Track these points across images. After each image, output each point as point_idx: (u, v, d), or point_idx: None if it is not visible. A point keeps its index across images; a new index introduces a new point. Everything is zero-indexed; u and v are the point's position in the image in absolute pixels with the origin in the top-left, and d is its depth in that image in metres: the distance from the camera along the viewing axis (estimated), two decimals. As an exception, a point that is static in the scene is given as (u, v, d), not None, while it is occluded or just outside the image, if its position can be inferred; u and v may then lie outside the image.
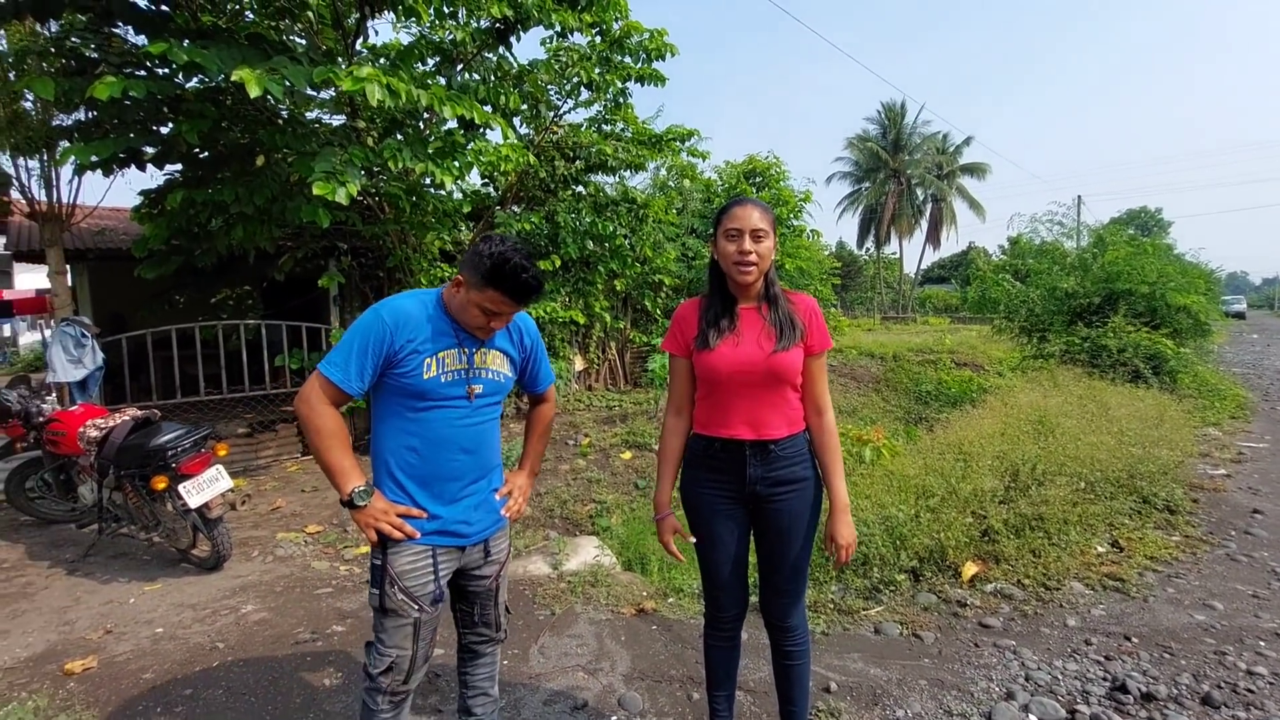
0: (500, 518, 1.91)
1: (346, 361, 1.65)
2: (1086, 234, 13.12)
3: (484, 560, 1.90)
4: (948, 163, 39.28)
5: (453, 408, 1.74)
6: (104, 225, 8.03)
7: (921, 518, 3.92)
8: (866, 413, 9.18)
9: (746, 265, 1.82)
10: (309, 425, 1.68)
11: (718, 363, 1.85)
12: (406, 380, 1.68)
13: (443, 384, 1.71)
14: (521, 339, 1.93)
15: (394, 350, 1.67)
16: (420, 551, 1.73)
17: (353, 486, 1.66)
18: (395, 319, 1.67)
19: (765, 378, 1.84)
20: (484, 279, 1.63)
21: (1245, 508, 4.72)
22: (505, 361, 1.87)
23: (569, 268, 8.79)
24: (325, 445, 1.67)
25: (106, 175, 5.34)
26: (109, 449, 3.93)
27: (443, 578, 1.77)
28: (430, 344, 1.70)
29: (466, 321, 1.73)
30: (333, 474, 1.68)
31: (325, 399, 1.67)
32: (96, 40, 5.12)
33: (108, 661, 2.95)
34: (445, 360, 1.71)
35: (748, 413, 1.86)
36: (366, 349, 1.65)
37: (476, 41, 6.34)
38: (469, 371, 1.75)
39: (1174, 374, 8.94)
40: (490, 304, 1.67)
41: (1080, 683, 2.67)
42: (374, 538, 1.69)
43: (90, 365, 5.61)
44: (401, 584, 1.70)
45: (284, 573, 3.98)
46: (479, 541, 1.86)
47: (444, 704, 2.57)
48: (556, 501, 5.50)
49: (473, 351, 1.77)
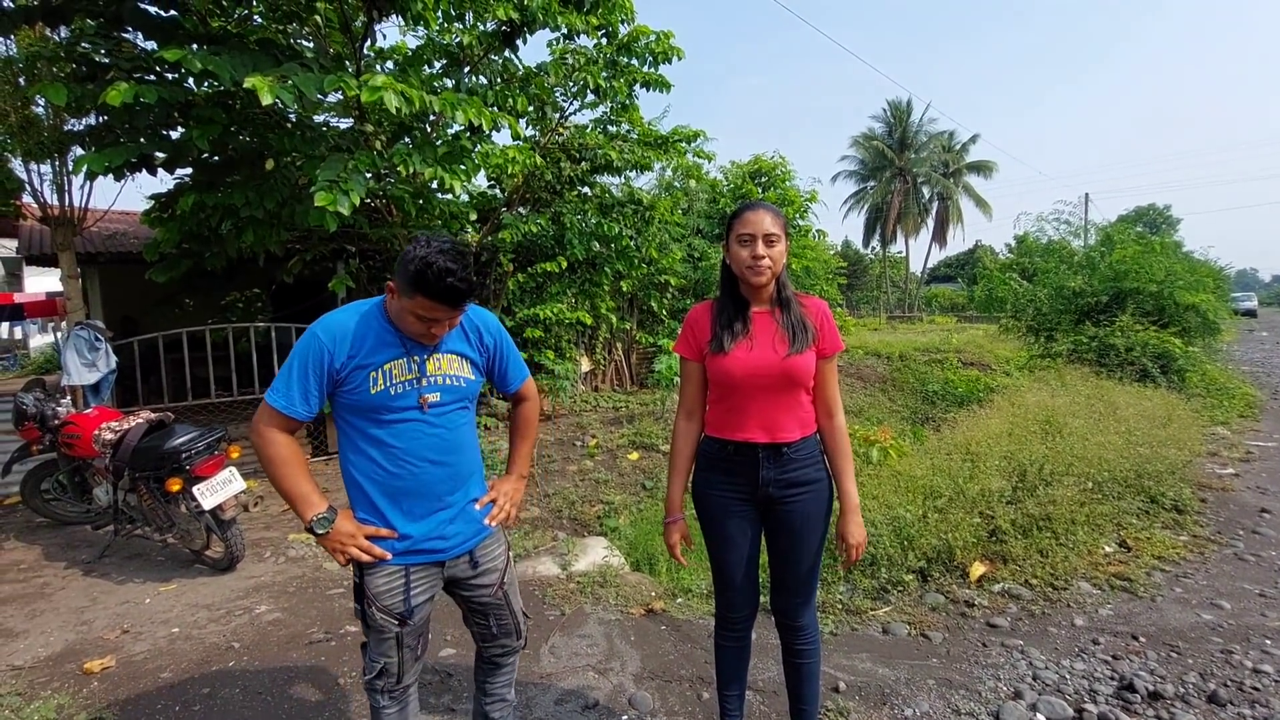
0: (483, 527, 1.84)
1: (288, 387, 1.62)
2: (1094, 232, 13.09)
3: (474, 571, 1.83)
4: (954, 161, 39.15)
5: (409, 420, 1.68)
6: (115, 229, 8.11)
7: (929, 518, 3.93)
8: (873, 413, 9.18)
9: (760, 269, 1.85)
10: (261, 455, 1.66)
11: (732, 366, 1.87)
12: (354, 397, 1.64)
13: (392, 397, 1.65)
14: (480, 338, 1.83)
15: (335, 369, 1.62)
16: (393, 572, 1.70)
17: (313, 514, 1.64)
18: (332, 336, 1.63)
19: (779, 381, 1.86)
20: (410, 285, 1.53)
21: (1253, 507, 4.72)
22: (464, 364, 1.78)
23: (575, 269, 8.83)
24: (279, 474, 1.65)
25: (118, 180, 5.40)
26: (124, 451, 3.98)
27: (416, 596, 1.73)
28: (373, 357, 1.64)
29: (406, 329, 1.65)
30: (292, 501, 1.65)
31: (275, 426, 1.65)
32: (107, 45, 5.17)
33: (126, 661, 3.00)
34: (392, 372, 1.65)
35: (762, 416, 1.88)
36: (306, 371, 1.62)
37: (483, 44, 6.37)
38: (420, 380, 1.68)
39: (1182, 373, 8.91)
40: (422, 310, 1.57)
41: (1088, 682, 2.68)
42: (343, 561, 1.68)
43: (103, 369, 5.68)
44: (378, 603, 1.70)
45: (296, 573, 4.03)
46: (461, 554, 1.80)
47: (456, 703, 2.60)
48: (564, 502, 5.54)
49: (423, 359, 1.69)
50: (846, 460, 1.95)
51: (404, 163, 5.02)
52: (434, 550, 1.74)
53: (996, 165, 39.22)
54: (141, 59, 5.14)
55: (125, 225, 8.54)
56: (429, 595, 1.78)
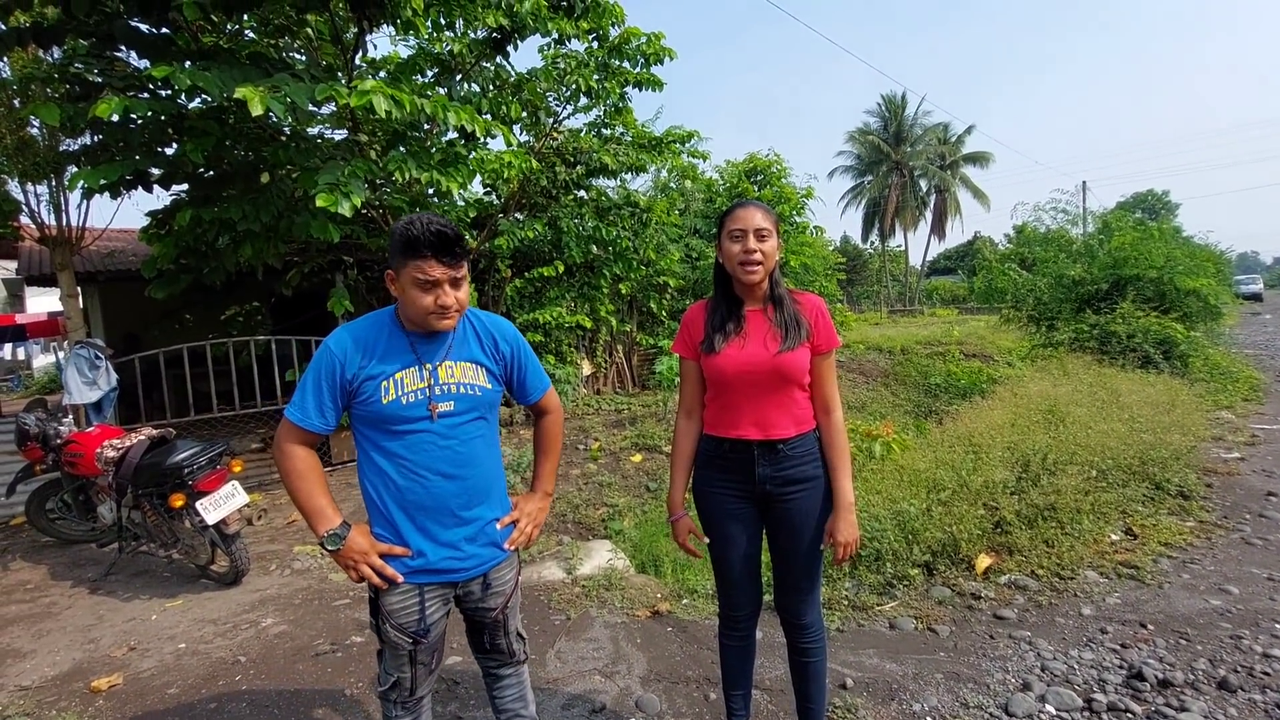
0: (501, 550, 1.80)
1: (304, 400, 1.64)
2: (1092, 220, 13.06)
3: (484, 593, 1.79)
4: (950, 152, 39.08)
5: (422, 431, 1.65)
6: (113, 247, 8.15)
7: (933, 511, 3.92)
8: (875, 407, 9.17)
9: (752, 265, 1.85)
10: (281, 469, 1.67)
11: (724, 365, 1.88)
12: (368, 408, 1.64)
13: (404, 406, 1.63)
14: (496, 346, 1.79)
15: (347, 380, 1.63)
16: (408, 591, 1.68)
17: (326, 529, 1.63)
18: (342, 348, 1.63)
19: (771, 378, 1.86)
20: (402, 250, 1.56)
21: (1259, 491, 4.70)
22: (480, 372, 1.74)
23: (573, 273, 8.83)
24: (295, 487, 1.66)
25: (114, 198, 5.42)
26: (126, 468, 3.99)
27: (431, 615, 1.71)
28: (384, 366, 1.64)
29: (418, 315, 1.62)
30: (307, 516, 1.65)
31: (294, 440, 1.66)
32: (100, 65, 5.20)
33: (133, 678, 3.00)
34: (404, 381, 1.64)
35: (755, 413, 1.89)
36: (320, 384, 1.63)
37: (474, 52, 6.39)
38: (432, 389, 1.66)
39: (1185, 358, 8.89)
40: (421, 274, 1.56)
41: (1096, 671, 2.67)
42: (355, 578, 1.66)
43: (105, 387, 5.69)
44: (392, 620, 1.68)
45: (302, 585, 4.03)
46: (476, 576, 1.76)
47: (463, 711, 2.60)
48: (569, 506, 5.53)
49: (435, 366, 1.67)
50: (841, 458, 1.93)
51: (399, 169, 5.03)
52: (449, 570, 1.71)
53: (993, 156, 39.18)
54: (134, 77, 5.16)
55: (124, 243, 8.58)
56: (443, 613, 1.77)
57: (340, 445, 6.71)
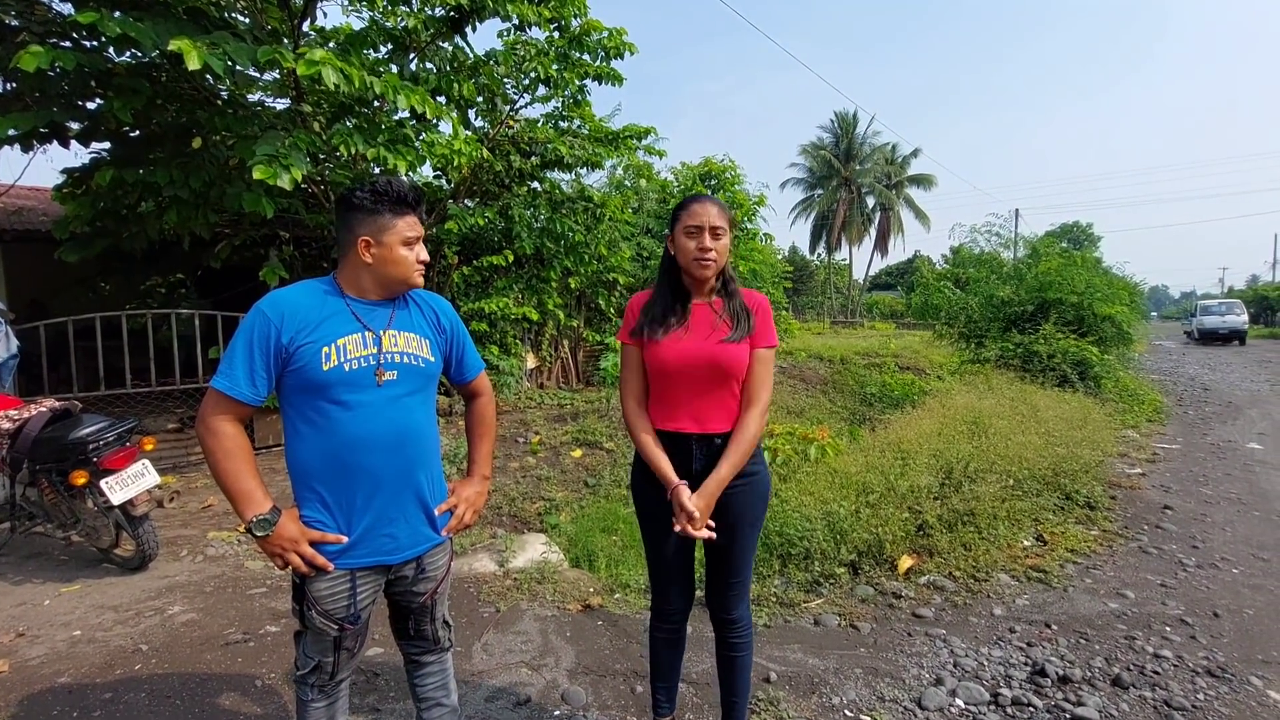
0: (438, 534, 1.76)
1: (231, 368, 1.52)
2: (1023, 245, 13.77)
3: (417, 576, 1.74)
4: (896, 173, 40.55)
5: (362, 402, 1.58)
6: (21, 205, 7.55)
7: (861, 513, 4.05)
8: (814, 413, 9.39)
9: (706, 261, 1.86)
10: (205, 447, 1.55)
11: (665, 354, 1.88)
12: (305, 375, 1.54)
13: (346, 374, 1.56)
14: (438, 319, 1.78)
15: (283, 346, 1.53)
16: (338, 576, 1.61)
17: (254, 514, 1.52)
18: (277, 311, 1.54)
19: (710, 371, 1.87)
20: (393, 210, 1.60)
21: (1157, 504, 5.05)
22: (423, 344, 1.70)
23: (523, 264, 8.71)
24: (222, 467, 1.53)
25: (25, 151, 5.02)
26: (23, 442, 3.68)
27: (362, 599, 1.65)
28: (324, 332, 1.56)
29: (405, 274, 1.64)
30: (233, 499, 1.53)
31: (221, 413, 1.53)
32: (18, 7, 4.80)
33: (19, 665, 2.78)
34: (346, 347, 1.57)
35: (692, 406, 1.89)
36: (252, 350, 1.52)
37: (430, 29, 6.20)
38: (378, 356, 1.60)
39: (1098, 379, 9.48)
40: (413, 230, 1.63)
41: (1004, 668, 2.81)
42: (281, 566, 1.58)
43: (3, 353, 5.24)
44: (319, 607, 1.61)
45: (215, 573, 3.82)
46: (410, 559, 1.71)
47: (382, 703, 2.52)
48: (505, 499, 5.44)
49: (379, 334, 1.62)
50: (734, 448, 1.85)
51: (345, 143, 4.85)
52: (381, 551, 1.65)
53: (936, 179, 40.90)
54: (56, 23, 4.79)
55: (34, 201, 7.96)
56: (373, 599, 1.71)
57: (266, 429, 6.40)
